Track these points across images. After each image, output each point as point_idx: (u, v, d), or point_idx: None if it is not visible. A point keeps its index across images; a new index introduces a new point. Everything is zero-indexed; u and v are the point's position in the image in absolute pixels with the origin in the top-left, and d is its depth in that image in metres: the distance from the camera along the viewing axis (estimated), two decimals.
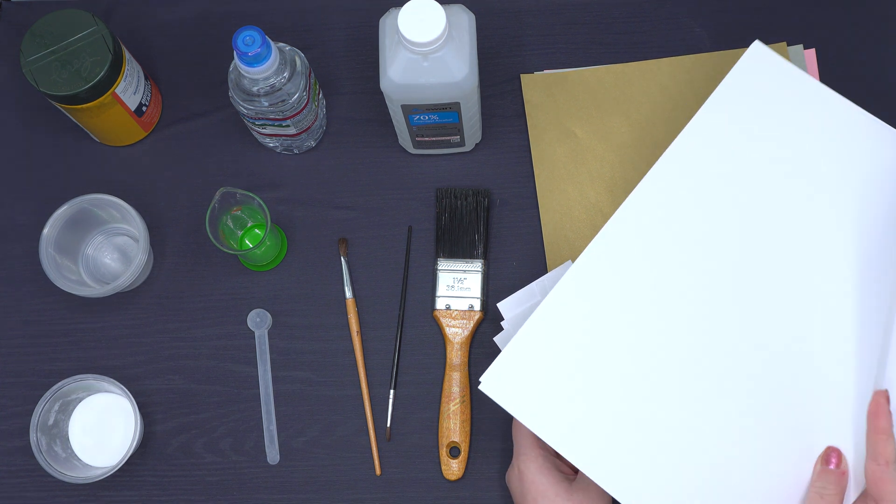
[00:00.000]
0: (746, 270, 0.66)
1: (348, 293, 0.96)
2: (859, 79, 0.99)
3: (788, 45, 1.00)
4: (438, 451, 0.93)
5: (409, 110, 0.88)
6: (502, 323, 0.89)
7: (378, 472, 0.94)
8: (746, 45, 1.00)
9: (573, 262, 0.71)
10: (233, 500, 0.94)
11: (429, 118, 0.89)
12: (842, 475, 0.71)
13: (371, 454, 0.94)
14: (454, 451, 0.93)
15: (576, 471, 0.83)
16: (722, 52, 1.00)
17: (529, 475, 0.82)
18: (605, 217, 0.97)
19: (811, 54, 0.99)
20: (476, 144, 0.99)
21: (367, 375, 0.95)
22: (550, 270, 0.95)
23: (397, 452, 0.94)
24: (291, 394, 0.95)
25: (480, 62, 1.01)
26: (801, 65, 0.99)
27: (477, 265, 0.95)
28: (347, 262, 0.97)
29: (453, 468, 0.93)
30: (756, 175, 0.66)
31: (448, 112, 0.88)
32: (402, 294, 0.97)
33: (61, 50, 0.90)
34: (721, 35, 1.00)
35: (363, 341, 0.96)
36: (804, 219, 0.62)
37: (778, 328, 0.65)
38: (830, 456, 0.71)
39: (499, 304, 0.89)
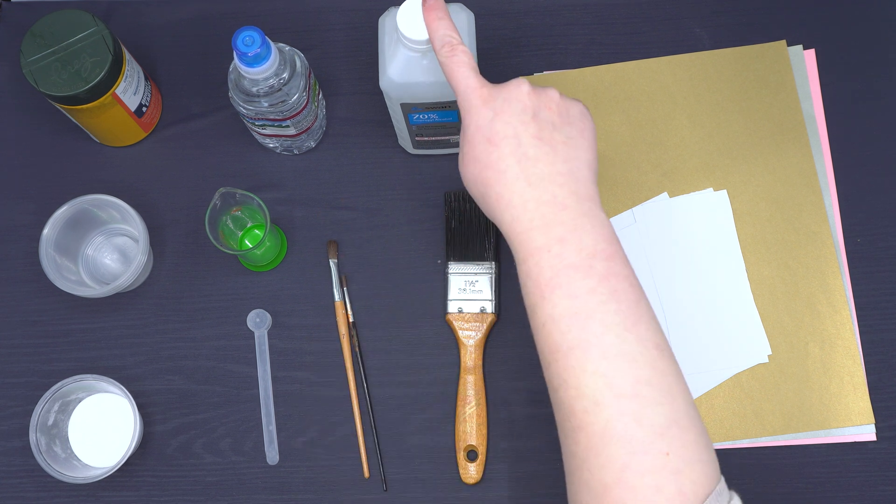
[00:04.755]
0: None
1: (337, 296, 0.96)
2: (859, 79, 0.99)
3: (788, 45, 1.00)
4: (456, 455, 0.93)
5: (408, 109, 0.87)
6: None
7: (366, 474, 0.93)
8: (745, 44, 1.00)
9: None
10: (232, 500, 0.94)
11: (428, 117, 0.89)
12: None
13: (374, 455, 0.94)
14: (472, 455, 0.93)
15: None
16: (721, 50, 1.00)
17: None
18: (606, 215, 0.97)
19: (811, 54, 0.99)
20: None
21: (367, 376, 0.95)
22: None
23: (398, 453, 0.94)
24: (291, 394, 0.95)
25: (480, 63, 1.01)
26: (801, 65, 0.99)
27: (488, 267, 0.95)
28: (338, 265, 0.97)
29: (471, 472, 0.92)
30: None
31: (447, 111, 0.88)
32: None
33: (61, 50, 0.90)
34: (720, 35, 1.00)
35: (361, 342, 0.96)
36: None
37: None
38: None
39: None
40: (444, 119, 0.89)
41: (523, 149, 0.70)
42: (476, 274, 0.95)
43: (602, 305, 0.67)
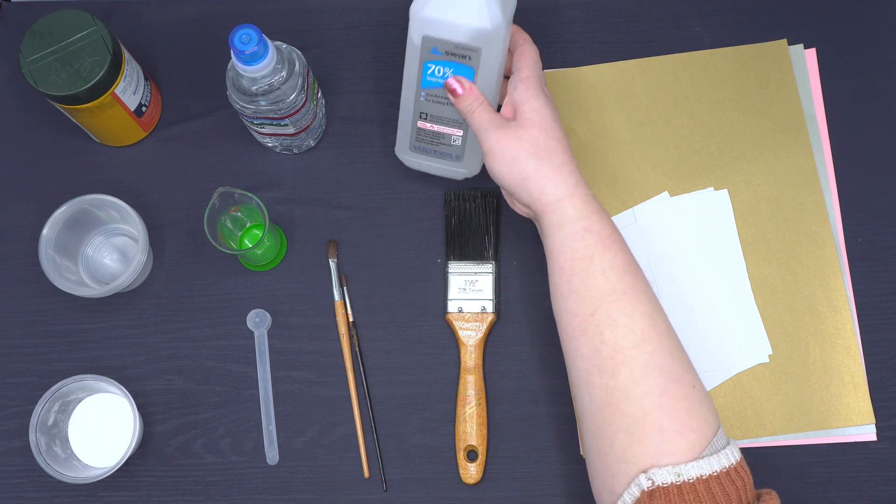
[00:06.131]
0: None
1: (337, 296, 0.96)
2: (860, 78, 0.99)
3: (789, 44, 1.00)
4: (456, 455, 0.93)
5: (428, 48, 0.86)
6: None
7: (366, 474, 0.93)
8: (746, 43, 0.99)
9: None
10: (232, 500, 0.94)
11: (443, 73, 0.87)
12: (471, 90, 0.86)
13: (374, 455, 0.94)
14: (472, 455, 0.93)
15: None
16: (722, 49, 0.99)
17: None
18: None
19: (811, 54, 0.99)
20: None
21: (367, 376, 0.95)
22: None
23: (398, 453, 0.94)
24: (291, 394, 0.95)
25: None
26: (802, 64, 0.99)
27: (488, 267, 0.95)
28: (337, 265, 0.97)
29: (471, 472, 0.92)
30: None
31: (464, 65, 0.86)
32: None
33: (61, 50, 0.90)
34: (721, 34, 1.00)
35: (361, 342, 0.96)
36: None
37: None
38: (453, 86, 0.86)
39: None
40: (458, 74, 0.87)
41: (566, 139, 0.85)
42: (476, 273, 0.95)
43: (639, 267, 0.82)
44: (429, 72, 0.87)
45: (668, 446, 0.74)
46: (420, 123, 0.92)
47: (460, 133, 0.92)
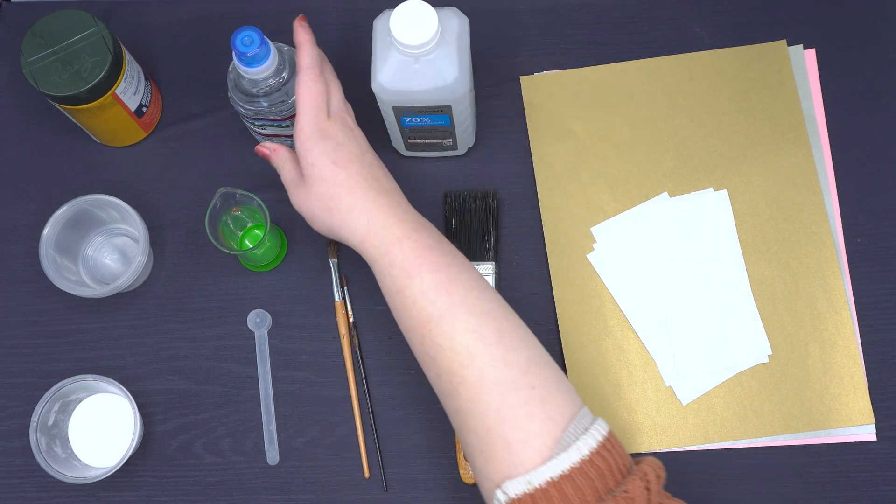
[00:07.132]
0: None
1: (337, 296, 0.96)
2: (859, 79, 0.99)
3: (789, 44, 1.00)
4: (456, 455, 0.93)
5: (400, 112, 0.88)
6: (594, 245, 0.95)
7: (366, 474, 0.93)
8: (746, 43, 1.00)
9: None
10: (232, 500, 0.94)
11: (420, 120, 0.89)
12: (277, 150, 0.85)
13: (374, 455, 0.94)
14: None
15: None
16: (722, 49, 1.00)
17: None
18: (607, 215, 0.97)
19: (811, 54, 0.99)
20: (470, 148, 0.99)
21: (367, 376, 0.95)
22: (552, 267, 0.95)
23: (398, 453, 0.94)
24: (291, 394, 0.95)
25: (479, 63, 1.01)
26: (802, 65, 0.99)
27: (489, 267, 0.95)
28: (338, 265, 0.97)
29: (471, 472, 0.92)
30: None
31: (440, 115, 0.88)
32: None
33: (61, 50, 0.90)
34: (720, 35, 1.00)
35: (361, 342, 0.96)
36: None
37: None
38: (264, 151, 0.86)
39: (592, 228, 0.96)
40: (436, 122, 0.89)
41: (366, 167, 0.82)
42: None
43: (459, 275, 0.78)
44: (407, 120, 0.89)
45: (516, 457, 0.72)
46: (410, 141, 0.95)
47: (450, 141, 0.95)
